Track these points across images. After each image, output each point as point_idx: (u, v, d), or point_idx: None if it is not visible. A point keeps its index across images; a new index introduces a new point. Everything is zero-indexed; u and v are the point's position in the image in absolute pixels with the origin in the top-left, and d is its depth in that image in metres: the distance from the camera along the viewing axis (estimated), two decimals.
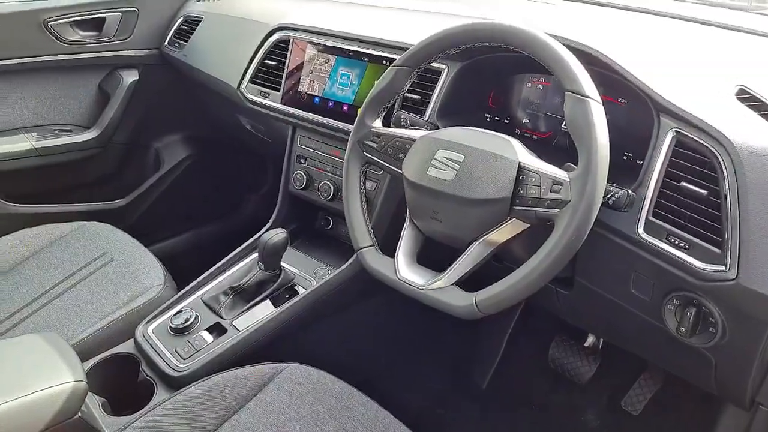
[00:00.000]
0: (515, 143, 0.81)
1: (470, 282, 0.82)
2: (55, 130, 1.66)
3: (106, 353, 1.10)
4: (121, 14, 1.64)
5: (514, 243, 0.82)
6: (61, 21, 1.56)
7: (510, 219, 0.78)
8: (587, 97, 0.73)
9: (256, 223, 1.41)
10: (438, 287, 0.82)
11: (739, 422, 0.99)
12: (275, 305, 1.18)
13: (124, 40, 1.67)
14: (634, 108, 0.91)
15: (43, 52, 1.57)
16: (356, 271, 1.18)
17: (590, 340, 1.45)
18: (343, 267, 1.19)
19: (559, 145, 1.05)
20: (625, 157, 0.93)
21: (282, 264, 1.22)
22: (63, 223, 1.39)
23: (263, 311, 1.17)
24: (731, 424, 1.05)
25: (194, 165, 1.95)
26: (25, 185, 1.64)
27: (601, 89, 0.75)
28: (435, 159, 0.84)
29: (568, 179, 0.73)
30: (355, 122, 0.98)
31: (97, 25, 1.62)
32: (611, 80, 0.86)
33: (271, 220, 1.39)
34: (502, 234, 0.79)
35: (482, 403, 1.50)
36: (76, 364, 0.87)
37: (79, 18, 1.59)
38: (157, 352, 1.08)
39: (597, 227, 0.83)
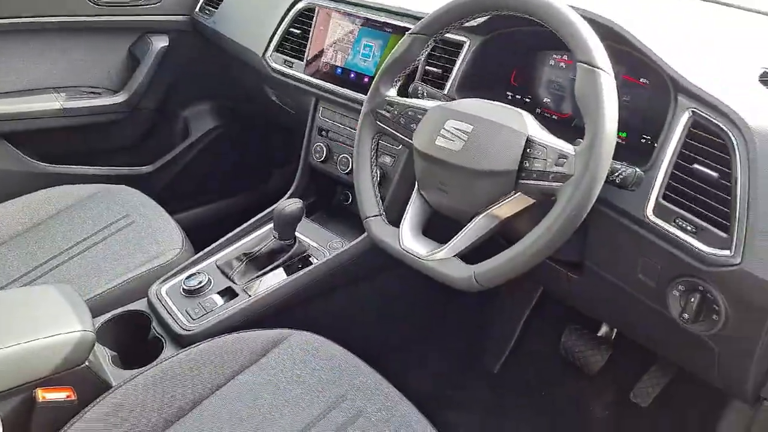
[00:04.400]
0: (526, 116, 0.80)
1: (476, 258, 0.81)
2: (83, 91, 1.68)
3: (120, 309, 1.13)
4: None
5: (521, 220, 0.81)
6: None
7: (515, 193, 0.77)
8: (598, 68, 0.70)
9: (280, 198, 1.41)
10: (439, 258, 0.82)
11: (744, 418, 0.96)
12: (288, 274, 1.19)
13: (155, 4, 1.68)
14: (655, 90, 0.88)
15: (76, 12, 1.58)
16: (370, 246, 1.17)
17: (603, 329, 1.42)
18: (357, 240, 1.19)
19: (578, 125, 1.02)
20: (643, 140, 0.91)
21: (297, 234, 1.22)
22: (89, 185, 1.42)
23: (275, 278, 1.18)
24: (736, 420, 1.02)
25: (222, 136, 1.95)
26: (53, 145, 1.67)
27: (623, 68, 0.72)
28: (444, 129, 0.83)
29: (573, 153, 0.72)
30: (369, 91, 0.97)
31: None
32: (633, 60, 0.83)
33: (289, 192, 1.40)
34: (506, 208, 0.78)
35: (492, 387, 1.49)
36: (85, 314, 0.89)
37: None
38: (168, 312, 1.10)
39: (605, 208, 0.81)
